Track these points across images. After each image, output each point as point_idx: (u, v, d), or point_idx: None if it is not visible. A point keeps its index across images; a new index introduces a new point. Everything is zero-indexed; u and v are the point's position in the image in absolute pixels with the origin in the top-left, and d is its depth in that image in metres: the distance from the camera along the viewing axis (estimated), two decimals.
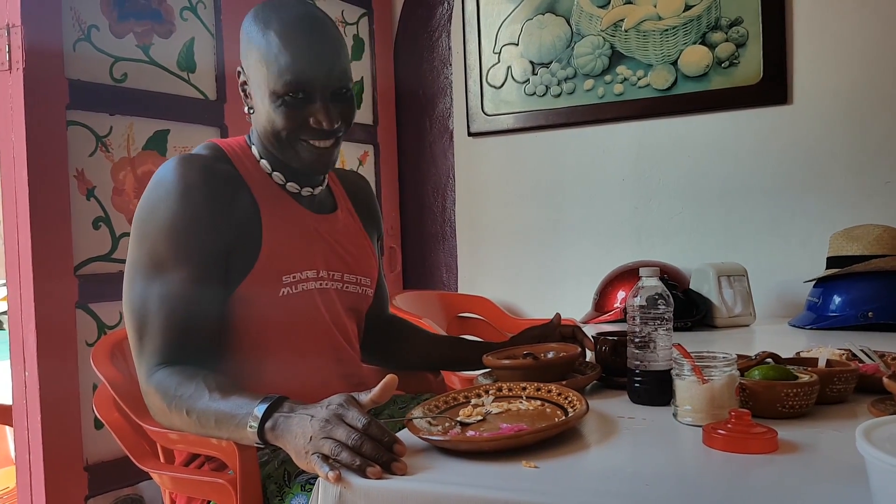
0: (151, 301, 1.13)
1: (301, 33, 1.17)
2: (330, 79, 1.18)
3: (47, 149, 1.66)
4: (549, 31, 2.54)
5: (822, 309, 1.92)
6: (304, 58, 1.16)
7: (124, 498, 1.81)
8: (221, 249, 1.16)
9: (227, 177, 1.20)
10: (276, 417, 0.99)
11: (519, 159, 2.64)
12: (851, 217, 2.13)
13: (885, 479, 0.68)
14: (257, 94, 1.21)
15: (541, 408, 1.08)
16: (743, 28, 2.28)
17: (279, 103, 1.17)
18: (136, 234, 1.16)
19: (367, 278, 1.39)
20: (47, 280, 1.65)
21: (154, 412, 1.15)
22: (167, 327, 1.12)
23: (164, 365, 1.12)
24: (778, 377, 1.05)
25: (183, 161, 1.16)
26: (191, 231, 1.13)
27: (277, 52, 1.15)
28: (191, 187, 1.13)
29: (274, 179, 1.27)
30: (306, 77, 1.16)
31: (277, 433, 0.97)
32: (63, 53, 1.70)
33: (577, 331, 1.42)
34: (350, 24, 2.67)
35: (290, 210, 1.27)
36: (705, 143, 2.36)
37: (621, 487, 0.80)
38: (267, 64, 1.16)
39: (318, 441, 0.91)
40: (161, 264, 1.13)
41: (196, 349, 1.14)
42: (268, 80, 1.17)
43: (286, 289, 1.21)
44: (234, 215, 1.18)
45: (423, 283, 2.76)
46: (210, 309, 1.16)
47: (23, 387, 1.64)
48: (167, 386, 1.10)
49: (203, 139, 2.05)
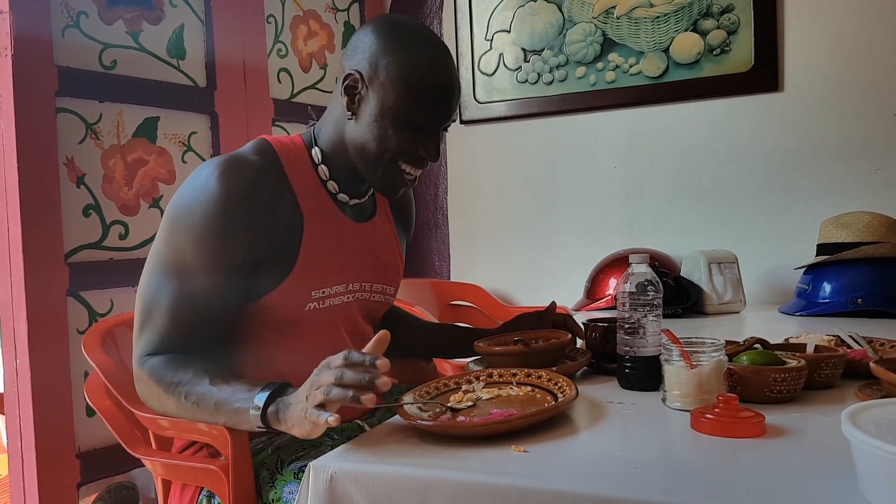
0: (163, 298, 1.11)
1: (441, 67, 1.17)
2: (449, 116, 1.21)
3: (37, 136, 1.65)
4: (540, 18, 2.54)
5: (812, 296, 1.93)
6: (445, 95, 1.17)
7: (117, 485, 1.81)
8: (250, 262, 1.13)
9: (272, 189, 1.16)
10: (279, 402, 0.99)
11: (511, 147, 2.64)
12: (841, 204, 2.14)
13: (870, 460, 0.68)
14: (371, 107, 1.16)
15: (531, 393, 1.09)
16: (734, 15, 2.27)
17: (401, 128, 1.16)
18: (167, 229, 1.13)
19: (393, 287, 1.39)
20: (38, 268, 1.64)
21: (145, 397, 1.15)
22: (172, 325, 1.11)
23: (158, 353, 1.12)
24: (766, 362, 1.06)
25: (232, 168, 1.11)
26: (221, 243, 1.10)
27: (421, 80, 1.14)
28: (232, 198, 1.09)
29: (328, 188, 1.24)
30: (438, 113, 1.18)
31: (280, 416, 0.98)
32: (52, 40, 1.69)
33: (569, 319, 1.42)
34: (341, 10, 2.66)
35: (334, 220, 1.24)
36: (697, 130, 2.37)
37: (610, 471, 0.81)
38: (405, 87, 1.14)
39: (312, 395, 0.92)
40: (183, 266, 1.11)
41: (196, 348, 1.13)
42: (399, 102, 1.14)
43: (313, 304, 1.20)
44: (272, 230, 1.15)
45: (415, 271, 2.77)
46: (221, 317, 1.14)
47: (14, 375, 1.64)
48: (162, 371, 1.09)
49: (193, 126, 2.08)
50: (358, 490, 0.85)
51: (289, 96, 2.42)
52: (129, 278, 1.86)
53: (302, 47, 2.49)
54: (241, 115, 2.19)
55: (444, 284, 2.62)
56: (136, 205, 1.90)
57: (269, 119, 2.31)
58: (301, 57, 2.48)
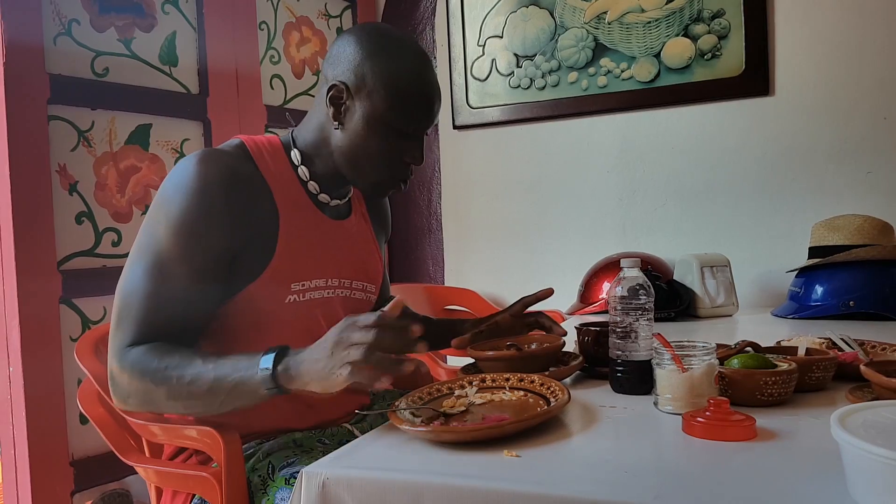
0: (142, 287, 1.09)
1: (425, 75, 1.21)
2: (433, 121, 1.25)
3: (29, 144, 1.65)
4: (532, 24, 2.55)
5: (805, 298, 1.94)
6: (427, 101, 1.22)
7: (111, 493, 1.81)
8: (228, 251, 1.14)
9: (248, 179, 1.17)
10: (286, 361, 1.00)
11: (504, 152, 2.64)
12: (833, 207, 2.15)
13: (858, 463, 0.69)
14: (358, 117, 1.19)
15: (523, 398, 1.09)
16: (725, 20, 2.29)
17: (387, 135, 1.20)
18: (148, 221, 1.13)
19: (373, 285, 1.39)
20: (30, 276, 1.64)
21: (125, 394, 1.09)
22: (152, 313, 1.09)
23: (137, 344, 1.08)
24: (757, 366, 1.07)
25: (206, 157, 1.13)
26: (199, 230, 1.10)
27: (406, 89, 1.18)
28: (208, 185, 1.11)
29: (308, 188, 1.26)
30: (423, 119, 1.22)
31: (292, 373, 0.99)
32: (44, 48, 1.69)
33: (540, 316, 1.44)
34: (333, 16, 2.66)
35: (311, 217, 1.26)
36: (688, 134, 2.38)
37: (602, 475, 0.81)
38: (392, 96, 1.17)
39: (341, 353, 0.95)
40: (161, 256, 1.10)
41: (177, 339, 1.11)
42: (385, 111, 1.18)
43: (293, 296, 1.20)
44: (249, 218, 1.16)
45: (409, 275, 2.77)
46: (200, 307, 1.14)
47: (7, 382, 1.64)
48: (146, 361, 1.06)
49: (186, 134, 2.08)
50: (351, 496, 0.85)
51: (281, 102, 2.43)
52: None
53: (294, 54, 2.49)
54: (234, 121, 2.19)
55: (439, 289, 2.62)
56: (128, 212, 1.89)
57: (262, 125, 2.31)
58: (294, 63, 2.49)
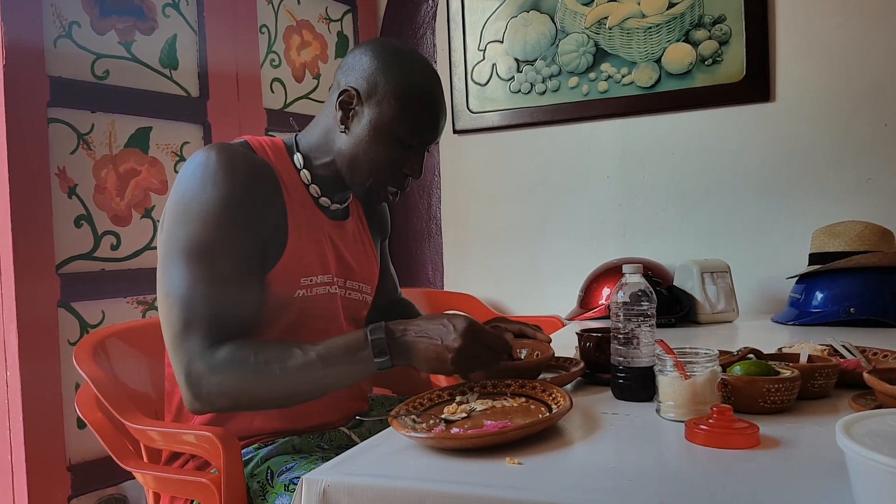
0: (198, 285, 1.08)
1: (435, 92, 1.26)
2: (436, 137, 1.30)
3: (28, 146, 1.65)
4: (533, 29, 2.55)
5: (805, 305, 1.93)
6: (434, 116, 1.25)
7: (108, 498, 1.80)
8: (261, 238, 1.16)
9: (267, 170, 1.20)
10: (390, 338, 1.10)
11: (504, 157, 2.64)
12: (833, 213, 2.15)
13: (865, 473, 0.68)
14: (364, 123, 1.22)
15: (525, 404, 1.08)
16: (726, 26, 2.29)
17: (390, 145, 1.23)
18: (178, 216, 1.12)
19: (368, 286, 1.41)
20: (29, 279, 1.63)
21: (216, 393, 1.07)
22: (216, 311, 1.09)
23: (218, 344, 1.08)
24: (759, 373, 1.06)
25: (224, 148, 1.14)
26: (239, 215, 1.11)
27: (415, 102, 1.22)
28: (237, 174, 1.12)
29: (310, 191, 1.28)
30: (427, 133, 1.26)
31: (400, 349, 1.10)
32: (44, 50, 1.69)
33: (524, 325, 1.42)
34: (334, 20, 2.66)
35: (313, 216, 1.28)
36: (689, 140, 2.37)
37: (604, 483, 0.80)
38: (400, 107, 1.21)
39: (463, 359, 1.08)
40: (208, 247, 1.09)
41: (244, 328, 1.13)
42: (392, 120, 1.21)
43: (302, 290, 1.22)
44: (270, 210, 1.19)
45: (408, 280, 2.76)
46: (253, 297, 1.15)
47: (4, 386, 1.63)
48: (242, 356, 1.07)
49: (186, 136, 2.07)
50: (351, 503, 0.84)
51: (282, 106, 2.42)
52: (121, 289, 1.86)
53: (295, 57, 2.49)
54: (234, 125, 2.19)
55: (438, 294, 2.62)
56: (128, 215, 1.89)
57: (263, 129, 2.30)
58: (294, 67, 2.48)
